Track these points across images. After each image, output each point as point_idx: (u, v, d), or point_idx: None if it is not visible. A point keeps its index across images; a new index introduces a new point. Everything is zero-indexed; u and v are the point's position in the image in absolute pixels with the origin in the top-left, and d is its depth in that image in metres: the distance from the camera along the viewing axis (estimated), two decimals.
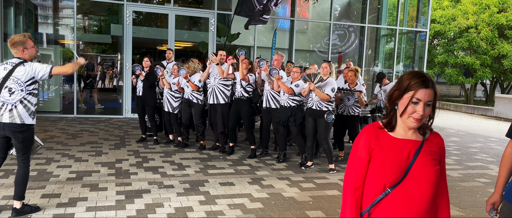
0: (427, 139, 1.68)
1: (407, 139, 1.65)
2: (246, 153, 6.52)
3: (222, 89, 6.30)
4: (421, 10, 13.01)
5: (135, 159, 5.86)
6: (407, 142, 1.65)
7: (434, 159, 1.65)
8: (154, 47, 15.81)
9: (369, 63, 12.96)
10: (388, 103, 1.69)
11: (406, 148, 1.64)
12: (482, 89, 22.49)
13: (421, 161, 1.62)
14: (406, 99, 1.59)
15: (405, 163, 1.61)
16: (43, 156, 5.77)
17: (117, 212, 3.79)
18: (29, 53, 3.61)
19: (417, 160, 1.62)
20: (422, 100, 1.57)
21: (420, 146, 1.64)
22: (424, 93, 1.57)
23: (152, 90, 6.81)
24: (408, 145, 1.64)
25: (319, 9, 12.24)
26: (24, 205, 3.67)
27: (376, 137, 1.67)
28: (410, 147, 1.64)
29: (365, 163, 1.67)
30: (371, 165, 1.66)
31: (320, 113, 5.47)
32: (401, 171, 1.60)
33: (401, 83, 1.63)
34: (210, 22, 10.45)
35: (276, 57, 6.26)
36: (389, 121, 1.69)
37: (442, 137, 1.77)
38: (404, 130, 1.67)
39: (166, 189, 4.53)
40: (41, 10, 12.84)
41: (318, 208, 4.17)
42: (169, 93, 6.65)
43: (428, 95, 1.58)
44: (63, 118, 9.34)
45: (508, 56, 16.03)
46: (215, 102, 6.32)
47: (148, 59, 6.86)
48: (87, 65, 12.38)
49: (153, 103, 6.83)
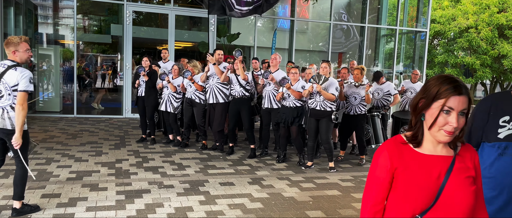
0: (459, 153, 1.44)
1: (436, 155, 1.42)
2: (246, 153, 6.52)
3: (221, 89, 6.31)
4: (421, 10, 13.00)
5: (135, 159, 5.86)
6: (437, 159, 1.41)
7: (469, 178, 1.42)
8: (154, 47, 15.80)
9: (369, 63, 12.95)
10: (412, 113, 1.46)
11: (436, 166, 1.40)
12: (482, 89, 22.50)
13: (454, 181, 1.39)
14: (435, 109, 1.36)
15: (435, 185, 1.38)
16: (43, 156, 5.77)
17: (117, 212, 3.79)
18: (20, 56, 3.51)
19: (450, 180, 1.39)
20: (455, 109, 1.34)
21: (452, 163, 1.41)
22: (457, 101, 1.34)
23: (154, 90, 6.81)
24: (438, 162, 1.41)
25: (319, 9, 12.24)
26: (24, 205, 3.67)
27: (399, 154, 1.43)
28: (441, 164, 1.40)
29: (386, 184, 1.44)
30: (394, 187, 1.43)
31: (324, 113, 5.49)
32: (431, 194, 1.37)
33: (428, 90, 1.39)
34: (210, 22, 10.45)
35: (274, 56, 6.23)
36: (414, 135, 1.44)
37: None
38: (433, 145, 1.43)
39: (166, 189, 4.53)
40: (41, 10, 12.82)
41: (318, 208, 4.17)
42: (171, 94, 6.66)
43: (462, 103, 1.35)
44: (63, 118, 9.34)
45: (508, 56, 16.02)
46: (214, 101, 6.33)
47: (147, 58, 6.87)
48: (85, 65, 12.40)
49: (154, 103, 6.83)
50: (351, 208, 4.21)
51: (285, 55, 11.88)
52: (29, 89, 3.43)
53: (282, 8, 12.12)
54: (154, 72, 6.78)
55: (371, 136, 6.42)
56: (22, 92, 3.40)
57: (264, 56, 10.43)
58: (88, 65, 12.33)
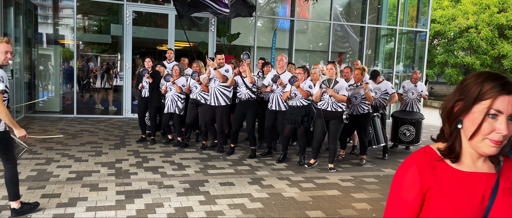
0: (503, 169, 1.17)
1: (477, 173, 1.16)
2: (246, 153, 6.52)
3: (222, 91, 6.29)
4: (421, 10, 13.00)
5: (135, 159, 5.86)
6: (479, 176, 1.15)
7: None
8: (154, 47, 15.80)
9: (369, 63, 12.95)
10: (445, 120, 1.19)
11: (479, 186, 1.14)
12: None
13: (501, 205, 1.12)
14: (478, 113, 1.10)
15: (479, 209, 1.12)
16: (43, 156, 5.77)
17: (117, 212, 3.79)
18: None
19: (496, 203, 1.12)
20: (504, 112, 1.08)
21: (496, 182, 1.14)
22: (506, 102, 1.07)
23: (157, 90, 6.80)
24: (480, 181, 1.15)
25: (319, 9, 12.24)
26: (23, 204, 3.64)
27: (432, 171, 1.16)
28: (484, 183, 1.14)
29: (416, 208, 1.16)
30: (426, 211, 1.16)
31: (335, 114, 5.49)
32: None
33: (467, 89, 1.13)
34: (210, 22, 10.45)
35: (280, 58, 6.20)
36: (450, 147, 1.16)
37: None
38: (472, 159, 1.17)
39: (166, 189, 4.53)
40: (41, 10, 12.82)
41: (318, 208, 4.16)
42: (177, 95, 6.65)
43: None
44: (63, 118, 9.34)
45: (508, 56, 16.03)
46: (216, 104, 6.30)
47: (150, 59, 6.86)
48: (83, 66, 12.39)
49: (158, 104, 6.82)
50: (351, 208, 4.21)
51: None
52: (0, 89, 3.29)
53: (282, 8, 12.13)
54: (157, 72, 6.78)
55: (372, 137, 6.42)
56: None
57: (264, 56, 10.43)
58: (95, 65, 12.36)
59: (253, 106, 6.21)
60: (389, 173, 5.76)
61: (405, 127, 6.97)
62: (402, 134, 7.02)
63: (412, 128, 6.98)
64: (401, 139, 7.08)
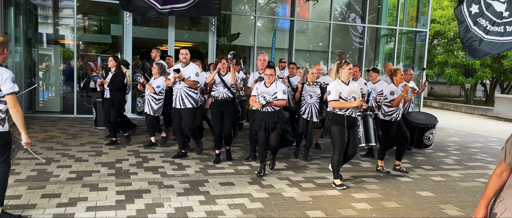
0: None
1: None
2: (246, 153, 6.51)
3: (189, 93, 5.92)
4: (421, 10, 13.01)
5: (135, 159, 5.86)
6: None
7: None
8: (154, 47, 15.77)
9: (369, 63, 12.95)
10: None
11: None
12: (482, 89, 22.50)
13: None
14: None
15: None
16: (43, 156, 5.77)
17: (117, 212, 3.79)
18: (4, 56, 3.38)
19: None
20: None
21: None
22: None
23: (120, 92, 6.64)
24: None
25: (319, 9, 12.24)
26: (3, 213, 3.45)
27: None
28: None
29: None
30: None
31: (356, 120, 4.99)
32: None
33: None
34: (211, 22, 10.44)
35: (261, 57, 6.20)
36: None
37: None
38: None
39: (166, 189, 4.53)
40: (41, 10, 12.82)
41: (318, 208, 4.17)
42: (150, 95, 6.57)
43: None
44: (63, 118, 9.34)
45: (508, 56, 16.03)
46: (181, 106, 5.89)
47: (112, 58, 6.66)
48: (81, 66, 12.38)
49: (120, 105, 6.67)
50: (351, 208, 4.21)
51: (285, 55, 11.88)
52: (14, 90, 3.27)
53: (282, 8, 12.13)
54: (121, 73, 6.60)
55: (361, 135, 6.35)
56: (9, 96, 3.26)
57: None
58: (95, 66, 12.37)
59: (231, 105, 5.88)
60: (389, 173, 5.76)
61: (430, 131, 6.92)
62: (427, 138, 6.97)
63: (434, 131, 6.95)
64: (425, 143, 6.99)
